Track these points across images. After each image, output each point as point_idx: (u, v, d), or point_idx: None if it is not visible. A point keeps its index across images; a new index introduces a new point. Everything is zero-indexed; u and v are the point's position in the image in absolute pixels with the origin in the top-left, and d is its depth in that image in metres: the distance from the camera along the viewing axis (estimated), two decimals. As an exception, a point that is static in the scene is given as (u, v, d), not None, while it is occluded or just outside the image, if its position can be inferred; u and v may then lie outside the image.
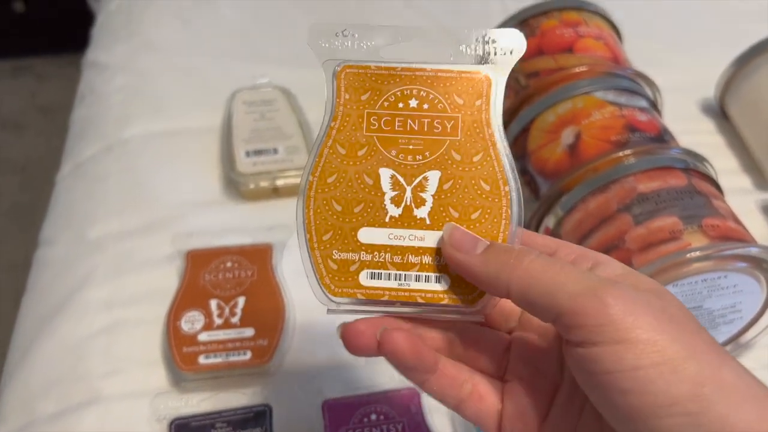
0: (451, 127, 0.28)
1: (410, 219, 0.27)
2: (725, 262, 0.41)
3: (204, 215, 0.56)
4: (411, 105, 0.28)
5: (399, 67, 0.28)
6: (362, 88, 0.28)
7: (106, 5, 0.80)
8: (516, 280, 0.24)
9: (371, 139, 0.28)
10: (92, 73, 0.71)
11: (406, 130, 0.28)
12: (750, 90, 0.61)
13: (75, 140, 0.65)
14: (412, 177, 0.28)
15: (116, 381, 0.46)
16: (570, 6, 0.56)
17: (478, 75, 0.28)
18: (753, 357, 0.47)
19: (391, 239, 0.27)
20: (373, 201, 0.28)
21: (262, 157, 0.57)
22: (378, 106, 0.28)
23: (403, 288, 0.27)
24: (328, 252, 0.28)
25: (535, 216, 0.49)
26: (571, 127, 0.49)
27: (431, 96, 0.28)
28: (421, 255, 0.27)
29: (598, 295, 0.22)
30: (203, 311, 0.47)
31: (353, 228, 0.28)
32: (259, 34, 0.72)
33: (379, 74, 0.28)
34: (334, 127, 0.28)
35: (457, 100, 0.28)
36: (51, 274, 0.54)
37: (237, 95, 0.61)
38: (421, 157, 0.28)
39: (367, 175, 0.28)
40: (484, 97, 0.28)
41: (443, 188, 0.27)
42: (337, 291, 0.27)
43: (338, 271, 0.27)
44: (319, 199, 0.28)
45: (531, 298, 0.24)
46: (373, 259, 0.27)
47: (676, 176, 0.45)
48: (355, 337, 0.26)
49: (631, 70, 0.53)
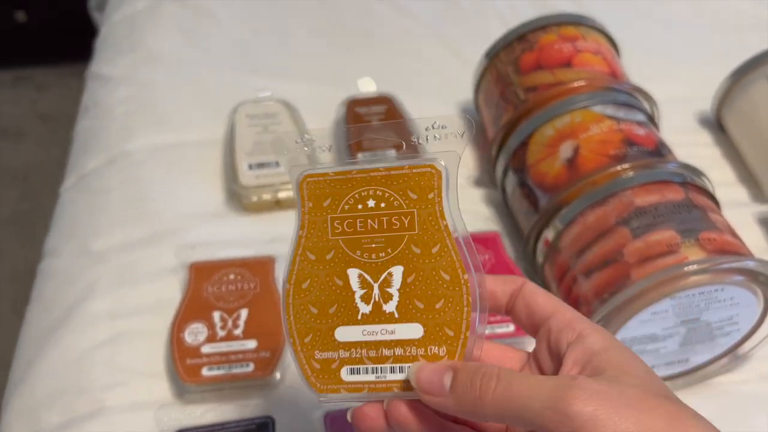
0: (408, 222, 0.29)
1: (380, 314, 0.29)
2: (722, 276, 0.41)
3: (207, 227, 0.56)
4: (369, 205, 0.29)
5: (354, 170, 0.30)
6: (323, 194, 0.30)
7: (110, 18, 0.80)
8: (489, 411, 0.26)
9: (337, 243, 0.30)
10: (96, 85, 0.72)
11: (367, 229, 0.29)
12: (746, 103, 0.62)
13: (79, 152, 0.65)
14: (378, 274, 0.29)
15: (120, 392, 0.46)
16: (568, 21, 0.57)
17: (429, 169, 0.29)
18: (750, 368, 0.48)
19: (365, 335, 0.29)
20: (345, 301, 0.29)
21: (264, 169, 0.57)
22: (339, 210, 0.30)
23: (381, 380, 0.29)
24: (310, 353, 0.29)
25: (534, 228, 0.50)
26: (570, 141, 0.49)
27: (387, 194, 0.29)
28: (393, 347, 0.29)
29: (558, 407, 0.24)
30: (206, 323, 0.48)
31: (330, 328, 0.29)
32: (261, 48, 0.73)
33: (336, 180, 0.30)
34: (303, 236, 0.30)
35: (411, 195, 0.29)
36: (55, 286, 0.54)
37: (239, 108, 0.62)
38: (384, 254, 0.29)
39: (337, 276, 0.29)
40: (436, 189, 0.29)
41: (407, 282, 0.29)
42: (323, 388, 0.29)
43: (321, 370, 0.29)
44: (297, 305, 0.30)
45: (507, 421, 0.26)
46: (351, 355, 0.29)
47: (673, 190, 0.45)
48: (363, 420, 0.28)
49: (629, 85, 0.53)
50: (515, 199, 0.54)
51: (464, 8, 0.81)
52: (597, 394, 0.24)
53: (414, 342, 0.29)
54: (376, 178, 0.29)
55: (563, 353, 0.28)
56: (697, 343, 0.45)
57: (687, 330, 0.44)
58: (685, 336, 0.44)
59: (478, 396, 0.26)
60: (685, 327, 0.44)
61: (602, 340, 0.27)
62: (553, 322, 0.29)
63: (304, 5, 0.81)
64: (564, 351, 0.28)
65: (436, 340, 0.29)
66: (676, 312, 0.42)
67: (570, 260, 0.46)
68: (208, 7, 0.78)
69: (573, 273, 0.46)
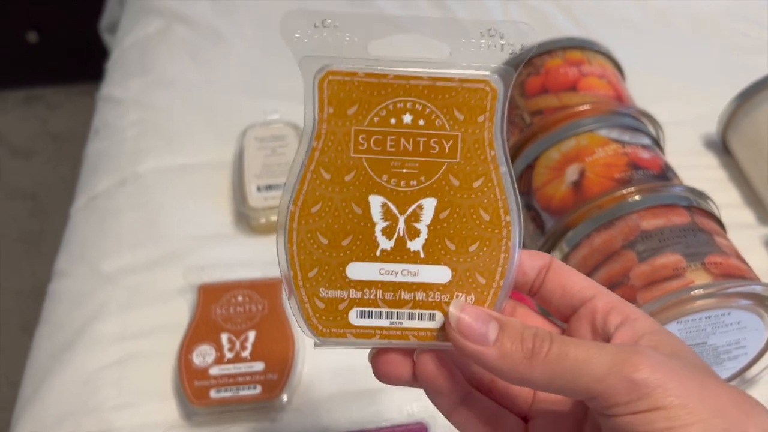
0: (449, 148, 0.25)
1: (403, 252, 0.25)
2: (728, 300, 0.41)
3: (216, 249, 0.57)
4: (405, 121, 0.25)
5: (391, 74, 0.24)
6: (349, 99, 0.24)
7: (121, 41, 0.82)
8: (538, 373, 0.23)
9: (359, 162, 0.25)
10: (107, 107, 0.73)
11: (399, 150, 0.25)
12: (751, 125, 0.62)
13: (89, 174, 0.66)
14: (406, 205, 0.25)
15: (128, 414, 0.47)
16: (573, 45, 0.58)
17: (483, 85, 0.25)
18: (758, 393, 0.47)
19: (383, 275, 0.25)
20: (363, 232, 0.25)
21: (273, 191, 0.58)
22: (367, 122, 0.25)
23: (395, 327, 0.25)
24: (314, 290, 0.25)
25: (541, 251, 0.50)
26: (576, 164, 0.50)
27: (428, 110, 0.25)
28: (414, 291, 0.25)
29: (624, 373, 0.22)
30: (214, 345, 0.48)
31: (341, 263, 0.25)
32: (270, 71, 0.74)
33: (368, 83, 0.24)
34: (317, 148, 0.25)
35: (457, 115, 0.25)
36: (65, 307, 0.55)
37: (248, 131, 0.63)
38: (416, 183, 0.25)
39: (355, 203, 0.25)
40: (488, 112, 0.25)
41: (439, 217, 0.25)
42: (326, 332, 0.26)
43: (326, 310, 0.25)
44: (303, 232, 0.25)
45: (556, 387, 0.24)
46: (363, 296, 0.25)
47: (679, 214, 0.45)
48: (387, 365, 0.26)
49: (634, 109, 0.54)
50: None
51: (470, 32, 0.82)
52: (663, 363, 0.22)
53: (439, 287, 0.25)
54: (417, 88, 0.24)
55: (611, 335, 0.25)
56: (704, 366, 0.45)
57: (694, 354, 0.44)
58: (693, 360, 0.44)
59: (528, 356, 0.23)
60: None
61: (651, 324, 0.25)
62: (598, 303, 0.26)
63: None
64: (611, 333, 0.25)
65: (465, 286, 0.25)
66: (683, 336, 0.42)
67: (576, 283, 0.46)
68: (218, 30, 0.80)
69: (579, 296, 0.46)
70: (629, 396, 0.22)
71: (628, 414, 0.22)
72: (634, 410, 0.22)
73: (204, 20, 0.81)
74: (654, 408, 0.22)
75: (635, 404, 0.22)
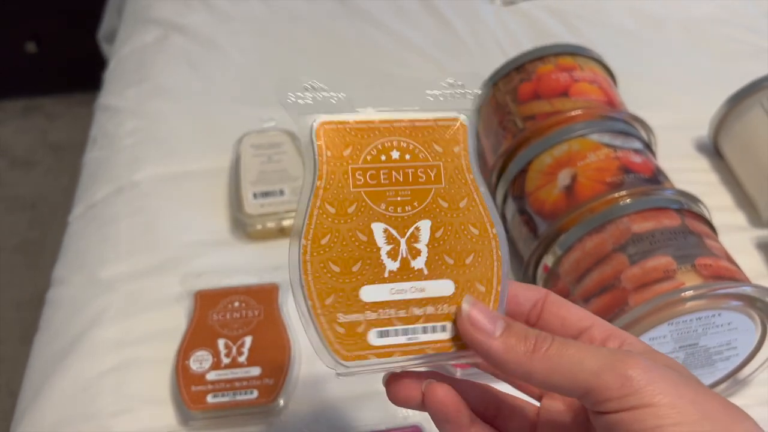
0: (434, 176, 0.28)
1: (409, 271, 0.27)
2: (718, 301, 0.42)
3: (212, 255, 0.57)
4: (393, 156, 0.28)
5: (377, 119, 0.28)
6: (343, 143, 0.28)
7: (119, 50, 0.82)
8: (538, 367, 0.25)
9: (359, 195, 0.28)
10: (104, 116, 0.73)
11: (392, 182, 0.28)
12: (742, 129, 0.63)
13: (87, 182, 0.67)
14: (405, 228, 0.28)
15: (126, 419, 0.47)
16: (565, 51, 0.59)
17: (454, 123, 0.29)
18: (750, 394, 0.48)
19: (393, 294, 0.27)
20: (370, 257, 0.27)
21: (269, 198, 0.58)
22: (361, 160, 0.28)
23: (413, 342, 0.27)
24: (332, 316, 0.26)
25: (534, 254, 0.50)
26: (568, 168, 0.50)
27: (411, 146, 0.28)
28: (424, 306, 0.27)
29: (618, 369, 0.23)
30: (211, 351, 0.48)
31: (354, 287, 0.27)
32: (266, 79, 0.74)
33: (357, 129, 0.28)
34: (321, 186, 0.27)
35: (437, 148, 0.29)
36: (63, 314, 0.55)
37: (245, 138, 0.63)
38: (410, 208, 0.28)
39: (360, 231, 0.27)
40: (462, 143, 0.29)
41: (435, 236, 0.28)
42: (349, 356, 0.26)
43: (346, 335, 0.26)
44: (316, 263, 0.27)
45: (553, 383, 0.25)
46: (379, 317, 0.27)
47: (669, 216, 0.46)
48: (401, 389, 0.27)
49: (626, 113, 0.55)
50: (515, 226, 0.54)
51: (464, 40, 0.83)
52: (656, 366, 0.24)
53: (446, 299, 0.27)
54: (400, 129, 0.28)
55: None
56: (696, 368, 0.45)
57: (686, 355, 0.44)
58: (685, 361, 0.45)
59: (530, 350, 0.25)
60: (684, 352, 0.44)
61: (647, 346, 0.27)
62: (595, 332, 0.28)
63: (307, 38, 0.82)
64: None
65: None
66: (675, 337, 0.43)
67: (569, 286, 0.47)
68: (215, 39, 0.80)
69: (573, 298, 0.46)
70: (621, 391, 0.23)
71: (620, 410, 0.23)
72: (625, 406, 0.23)
73: (201, 30, 0.82)
74: (645, 405, 0.23)
75: (627, 399, 0.23)
